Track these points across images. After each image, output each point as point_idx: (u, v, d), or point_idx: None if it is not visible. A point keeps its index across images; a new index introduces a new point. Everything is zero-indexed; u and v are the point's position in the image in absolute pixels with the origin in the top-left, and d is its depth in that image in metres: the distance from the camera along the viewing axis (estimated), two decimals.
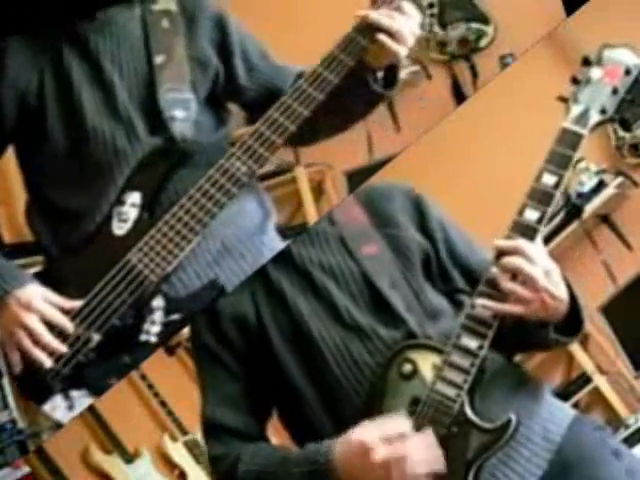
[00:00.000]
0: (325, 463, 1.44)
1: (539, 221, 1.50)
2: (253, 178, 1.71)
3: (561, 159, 1.52)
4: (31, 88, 1.73)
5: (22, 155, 1.81)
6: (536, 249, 1.48)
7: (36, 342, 1.66)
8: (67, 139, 1.72)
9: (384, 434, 1.41)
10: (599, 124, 1.55)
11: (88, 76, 1.73)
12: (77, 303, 1.68)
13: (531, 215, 1.51)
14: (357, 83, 1.69)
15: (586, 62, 1.58)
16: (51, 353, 1.67)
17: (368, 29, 1.65)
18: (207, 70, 1.77)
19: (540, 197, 1.51)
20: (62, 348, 1.66)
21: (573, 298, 1.50)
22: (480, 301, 1.48)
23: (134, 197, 1.70)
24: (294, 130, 1.66)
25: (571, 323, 1.51)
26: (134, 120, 1.72)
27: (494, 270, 1.48)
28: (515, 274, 1.47)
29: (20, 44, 1.74)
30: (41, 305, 1.67)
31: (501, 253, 1.49)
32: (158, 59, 1.74)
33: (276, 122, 1.66)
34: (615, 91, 1.56)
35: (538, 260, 1.47)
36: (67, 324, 1.67)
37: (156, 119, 1.72)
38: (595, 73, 1.57)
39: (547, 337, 1.49)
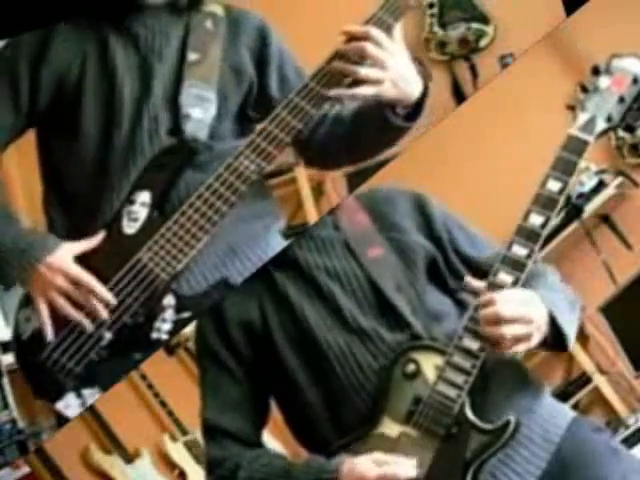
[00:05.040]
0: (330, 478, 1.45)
1: (543, 226, 1.52)
2: (261, 176, 1.71)
3: (566, 165, 1.54)
4: (71, 74, 1.73)
5: (45, 141, 1.80)
6: (509, 294, 1.49)
7: (76, 305, 1.67)
8: (99, 129, 1.73)
9: (386, 475, 1.43)
10: (605, 132, 1.58)
11: (132, 70, 1.73)
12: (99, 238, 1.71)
13: (535, 220, 1.53)
14: (375, 116, 1.69)
15: (595, 71, 1.61)
16: (90, 316, 1.69)
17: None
18: (242, 80, 1.77)
19: (545, 202, 1.53)
20: (103, 312, 1.67)
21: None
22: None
23: (144, 196, 1.71)
24: (301, 128, 1.66)
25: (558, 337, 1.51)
26: (159, 118, 1.72)
27: (496, 266, 1.49)
28: None
29: (66, 29, 1.75)
30: (73, 268, 1.67)
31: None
32: (192, 56, 1.75)
33: (284, 120, 1.66)
34: (622, 100, 1.59)
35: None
36: (99, 288, 1.68)
37: (175, 116, 1.73)
38: (603, 82, 1.60)
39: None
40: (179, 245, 1.68)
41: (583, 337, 2.90)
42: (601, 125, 1.57)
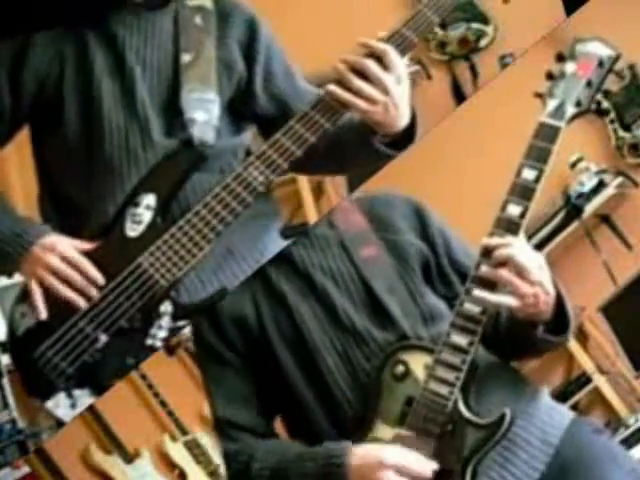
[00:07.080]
0: (339, 462, 1.44)
1: (522, 216, 1.50)
2: (269, 187, 1.70)
3: (540, 153, 1.53)
4: (52, 76, 1.71)
5: (36, 143, 1.80)
6: (525, 245, 1.48)
7: (65, 283, 1.67)
8: (81, 131, 1.71)
9: (404, 465, 1.43)
10: (575, 116, 1.56)
11: (110, 69, 1.70)
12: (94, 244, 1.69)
13: (513, 210, 1.51)
14: (361, 139, 1.68)
15: (560, 58, 1.60)
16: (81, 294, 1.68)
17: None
18: (233, 74, 1.75)
19: (521, 192, 1.51)
20: (90, 289, 1.67)
21: (559, 298, 1.49)
22: (476, 292, 1.47)
23: (149, 199, 1.69)
24: (314, 142, 1.65)
25: (559, 323, 1.50)
26: (150, 119, 1.70)
27: (483, 268, 1.48)
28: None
29: (46, 33, 1.72)
30: (66, 248, 1.67)
31: (488, 251, 1.48)
32: (185, 57, 1.72)
33: (297, 133, 1.65)
34: (589, 83, 1.58)
35: (530, 254, 1.47)
36: (90, 268, 1.67)
37: (175, 120, 1.71)
38: (569, 67, 1.59)
39: (537, 337, 1.49)
40: (181, 253, 1.67)
41: (583, 337, 2.91)
42: (571, 110, 1.56)
